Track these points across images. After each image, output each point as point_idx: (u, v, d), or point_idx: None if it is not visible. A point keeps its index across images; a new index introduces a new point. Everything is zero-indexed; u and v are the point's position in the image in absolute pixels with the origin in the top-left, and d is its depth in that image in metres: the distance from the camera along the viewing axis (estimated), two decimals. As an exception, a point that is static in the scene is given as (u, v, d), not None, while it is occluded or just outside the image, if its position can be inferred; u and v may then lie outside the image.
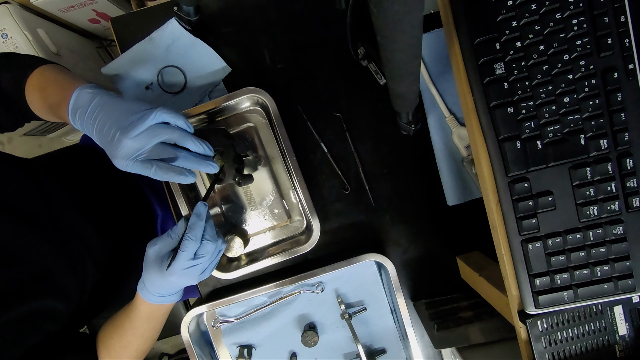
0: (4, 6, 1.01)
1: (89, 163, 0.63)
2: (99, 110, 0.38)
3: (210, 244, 0.42)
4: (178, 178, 0.40)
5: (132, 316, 0.46)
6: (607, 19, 0.34)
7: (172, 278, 0.41)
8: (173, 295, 0.45)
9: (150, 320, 0.47)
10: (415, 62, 0.33)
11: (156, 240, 0.42)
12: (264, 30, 0.55)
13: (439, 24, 0.50)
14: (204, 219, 0.41)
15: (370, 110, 0.55)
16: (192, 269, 0.41)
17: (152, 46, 0.54)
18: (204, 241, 0.42)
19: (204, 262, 0.42)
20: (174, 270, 0.40)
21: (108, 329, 0.48)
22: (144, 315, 0.46)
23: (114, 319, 0.48)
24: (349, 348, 0.57)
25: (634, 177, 0.35)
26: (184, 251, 0.40)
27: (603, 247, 0.36)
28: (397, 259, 0.57)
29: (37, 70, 0.45)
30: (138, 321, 0.46)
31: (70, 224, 0.49)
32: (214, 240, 0.43)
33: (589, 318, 0.38)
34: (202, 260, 0.42)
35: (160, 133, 0.38)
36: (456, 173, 0.53)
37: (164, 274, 0.41)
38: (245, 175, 0.50)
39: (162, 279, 0.41)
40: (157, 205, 0.68)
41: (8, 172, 0.46)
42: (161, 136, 0.38)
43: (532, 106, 0.36)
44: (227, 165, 0.47)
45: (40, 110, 0.46)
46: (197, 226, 0.41)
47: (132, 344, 0.47)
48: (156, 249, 0.42)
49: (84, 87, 0.40)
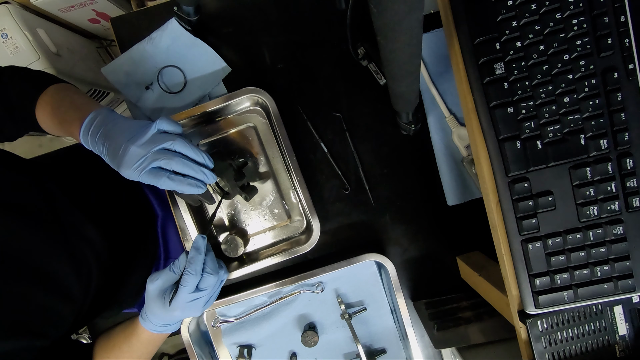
0: (4, 6, 1.01)
1: (89, 163, 0.63)
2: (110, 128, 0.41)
3: (212, 277, 0.43)
4: (189, 189, 0.40)
5: (131, 340, 0.47)
6: (607, 19, 0.34)
7: (175, 313, 0.42)
8: (174, 325, 0.46)
9: (149, 345, 0.48)
10: (415, 62, 0.33)
11: (157, 275, 0.43)
12: (264, 30, 0.55)
13: (439, 24, 0.50)
14: (203, 253, 0.42)
15: (370, 110, 0.55)
16: (194, 302, 0.42)
17: (152, 46, 0.54)
18: (205, 274, 0.42)
19: (206, 294, 0.43)
20: (177, 306, 0.41)
21: (104, 346, 0.48)
22: (144, 341, 0.47)
23: (111, 337, 0.49)
24: (349, 348, 0.57)
25: (634, 177, 0.35)
26: (185, 286, 0.41)
27: (603, 247, 0.36)
28: (397, 259, 0.57)
29: (51, 88, 0.47)
30: (136, 345, 0.47)
31: (73, 225, 0.49)
32: (215, 273, 0.43)
33: (589, 318, 0.38)
34: (204, 293, 0.42)
35: (161, 139, 0.40)
36: (456, 173, 0.53)
37: (167, 309, 0.42)
38: (250, 188, 0.51)
39: (165, 313, 0.42)
40: (157, 205, 0.68)
41: (10, 171, 0.46)
42: (162, 143, 0.40)
43: (532, 106, 0.36)
44: (230, 186, 0.47)
45: (49, 125, 0.48)
46: (197, 260, 0.41)
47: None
48: (158, 285, 0.42)
49: (101, 109, 0.43)
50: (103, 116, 0.42)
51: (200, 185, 0.41)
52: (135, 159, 0.39)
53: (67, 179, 0.54)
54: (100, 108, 0.43)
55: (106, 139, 0.41)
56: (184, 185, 0.40)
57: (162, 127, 0.41)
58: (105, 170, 0.63)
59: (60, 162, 0.58)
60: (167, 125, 0.41)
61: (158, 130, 0.41)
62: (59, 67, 1.08)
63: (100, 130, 0.41)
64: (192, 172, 0.41)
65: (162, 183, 0.39)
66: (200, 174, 0.41)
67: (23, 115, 0.48)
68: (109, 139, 0.40)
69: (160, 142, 0.40)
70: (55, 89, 0.48)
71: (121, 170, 0.40)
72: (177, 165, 0.40)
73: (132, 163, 0.39)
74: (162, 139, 0.40)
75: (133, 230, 0.61)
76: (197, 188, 0.41)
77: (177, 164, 0.40)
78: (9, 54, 1.02)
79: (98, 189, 0.58)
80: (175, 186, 0.40)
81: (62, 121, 0.45)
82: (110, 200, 0.59)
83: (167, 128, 0.41)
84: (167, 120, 0.41)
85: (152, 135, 0.40)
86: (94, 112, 0.42)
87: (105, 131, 0.41)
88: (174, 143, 0.40)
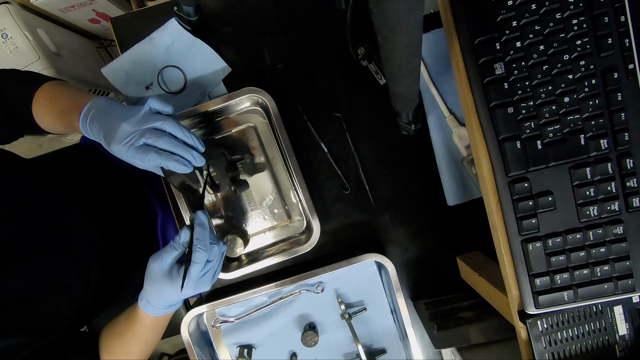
0: (4, 6, 1.01)
1: (89, 163, 0.63)
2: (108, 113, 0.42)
3: (216, 247, 0.43)
4: (175, 165, 0.40)
5: (135, 327, 0.46)
6: (607, 19, 0.34)
7: (187, 291, 0.41)
8: (177, 304, 0.45)
9: (154, 329, 0.47)
10: (415, 62, 0.33)
11: (159, 253, 0.41)
12: (264, 30, 0.55)
13: (439, 24, 0.50)
14: (207, 228, 0.42)
15: (370, 110, 0.55)
16: (204, 277, 0.42)
17: (152, 46, 0.54)
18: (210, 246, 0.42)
19: (213, 266, 0.43)
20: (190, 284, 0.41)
21: (109, 335, 0.48)
22: (147, 326, 0.46)
23: (115, 326, 0.48)
24: (349, 348, 0.57)
25: (634, 177, 0.35)
26: (197, 262, 0.40)
27: (603, 247, 0.36)
28: (397, 259, 0.57)
29: (46, 85, 0.49)
30: (141, 331, 0.46)
31: (73, 224, 0.49)
32: (217, 242, 0.43)
33: (589, 318, 0.38)
34: (211, 265, 0.42)
35: (152, 119, 0.41)
36: (456, 173, 0.53)
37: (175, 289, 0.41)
38: (240, 182, 0.51)
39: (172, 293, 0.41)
40: (157, 205, 0.68)
41: (10, 170, 0.46)
42: (153, 122, 0.41)
43: (532, 106, 0.36)
44: (220, 175, 0.47)
45: (47, 120, 0.48)
46: (204, 236, 0.41)
47: (135, 351, 0.47)
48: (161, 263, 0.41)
49: (99, 97, 0.45)
50: (102, 103, 0.43)
51: (186, 164, 0.41)
52: (125, 135, 0.40)
53: (67, 179, 0.54)
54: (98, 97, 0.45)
55: (103, 122, 0.42)
56: (171, 161, 0.40)
57: (153, 107, 0.42)
58: (105, 170, 0.63)
59: (60, 162, 0.59)
60: (158, 105, 0.42)
61: (150, 110, 0.42)
62: (59, 67, 1.08)
63: (99, 115, 0.42)
64: (180, 151, 0.41)
65: (149, 158, 0.40)
66: (188, 155, 0.42)
67: (20, 114, 0.48)
68: (106, 121, 0.42)
69: (151, 121, 0.41)
70: (50, 85, 0.49)
71: (111, 146, 0.41)
72: (165, 144, 0.40)
73: (122, 139, 0.40)
74: (153, 119, 0.41)
75: (133, 230, 0.61)
76: (183, 166, 0.41)
77: (164, 142, 0.40)
78: (9, 54, 1.02)
79: (98, 189, 0.58)
80: (161, 161, 0.40)
81: (61, 113, 0.46)
82: (110, 200, 0.59)
83: (158, 107, 0.42)
84: (157, 100, 0.42)
85: (143, 114, 0.41)
86: (93, 100, 0.44)
87: (103, 116, 0.42)
88: (164, 123, 0.41)
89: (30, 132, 0.52)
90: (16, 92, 0.48)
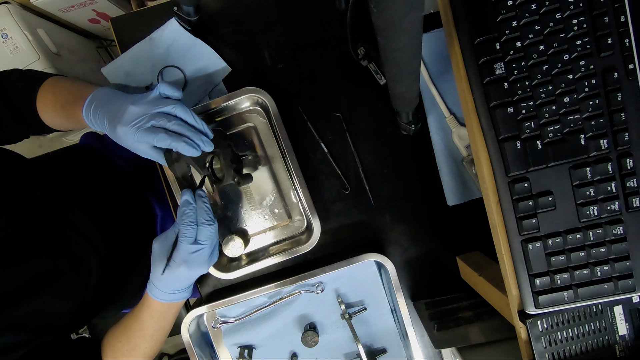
0: (4, 6, 1.01)
1: (89, 163, 0.63)
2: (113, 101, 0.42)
3: (209, 228, 0.42)
4: (184, 147, 0.40)
5: (142, 316, 0.46)
6: (607, 19, 0.34)
7: (180, 269, 0.41)
8: (183, 291, 0.45)
9: (160, 320, 0.47)
10: (415, 62, 0.33)
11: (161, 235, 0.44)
12: (264, 30, 0.55)
13: (439, 24, 0.50)
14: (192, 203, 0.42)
15: (370, 110, 0.55)
16: (197, 254, 0.42)
17: (152, 46, 0.54)
18: (201, 226, 0.42)
19: (207, 245, 0.42)
20: (179, 258, 0.41)
21: (114, 332, 0.48)
22: (155, 314, 0.46)
23: (121, 322, 0.48)
24: (350, 348, 0.57)
25: (634, 177, 0.35)
26: (182, 237, 0.41)
27: (603, 247, 0.36)
28: (397, 259, 0.57)
29: (50, 79, 0.50)
30: (147, 321, 0.46)
31: (74, 223, 0.49)
32: (211, 223, 0.43)
33: (589, 318, 0.38)
34: (205, 244, 0.42)
35: (162, 103, 0.41)
36: (456, 173, 0.53)
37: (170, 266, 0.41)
38: (245, 175, 0.50)
39: (170, 272, 0.42)
40: (157, 205, 0.68)
41: (9, 169, 0.46)
42: (163, 106, 0.41)
43: (532, 106, 0.36)
44: (225, 166, 0.47)
45: (51, 114, 0.49)
46: (189, 210, 0.42)
47: (140, 347, 0.47)
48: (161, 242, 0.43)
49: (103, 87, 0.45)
50: (107, 91, 0.44)
51: (195, 147, 0.41)
52: (133, 117, 0.40)
53: (67, 179, 0.54)
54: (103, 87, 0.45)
55: (108, 107, 0.42)
56: (180, 143, 0.40)
57: (163, 92, 0.42)
58: (105, 170, 0.63)
59: (60, 162, 0.59)
60: (168, 90, 0.42)
61: (160, 94, 0.42)
62: (59, 67, 1.08)
63: (104, 102, 0.43)
64: (190, 134, 0.41)
65: (159, 138, 0.39)
66: (197, 138, 0.42)
67: (25, 110, 0.49)
68: (112, 106, 0.42)
69: (162, 105, 0.41)
70: (53, 80, 0.50)
71: (117, 129, 0.40)
72: (175, 127, 0.40)
73: (130, 121, 0.40)
74: (164, 103, 0.41)
75: (132, 229, 0.61)
76: (193, 149, 0.41)
77: (175, 125, 0.40)
78: (9, 54, 1.02)
79: (98, 189, 0.58)
80: (171, 142, 0.40)
81: (64, 104, 0.46)
82: (110, 199, 0.59)
83: (168, 92, 0.42)
84: (167, 85, 0.42)
85: (154, 98, 0.41)
86: (98, 89, 0.44)
87: (108, 102, 0.42)
88: (176, 107, 0.41)
89: (35, 131, 0.52)
90: (21, 90, 0.49)
